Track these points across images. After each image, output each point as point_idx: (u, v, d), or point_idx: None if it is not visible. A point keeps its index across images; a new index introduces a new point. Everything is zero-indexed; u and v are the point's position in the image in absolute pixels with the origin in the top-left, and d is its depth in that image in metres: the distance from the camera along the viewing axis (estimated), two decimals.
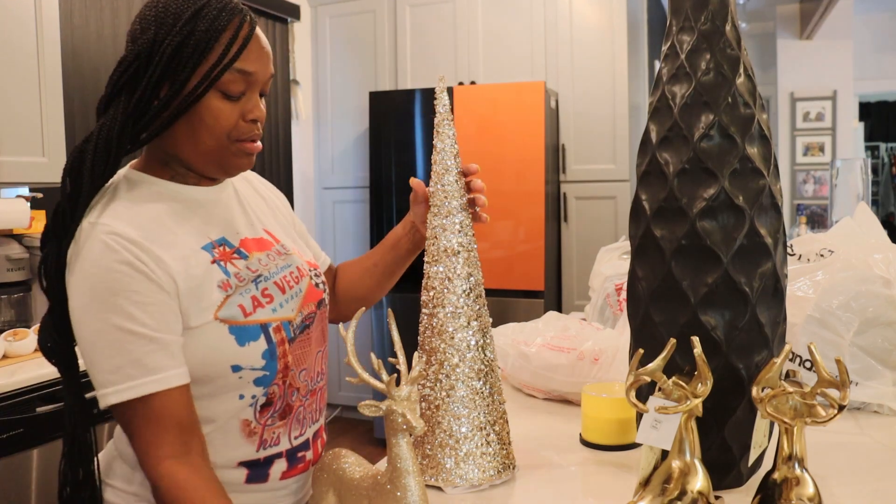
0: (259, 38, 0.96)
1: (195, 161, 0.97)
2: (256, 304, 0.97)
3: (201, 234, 0.97)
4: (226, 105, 0.93)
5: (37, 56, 2.22)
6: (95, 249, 0.88)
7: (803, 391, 0.87)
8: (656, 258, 1.02)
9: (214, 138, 0.94)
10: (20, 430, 1.87)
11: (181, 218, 0.97)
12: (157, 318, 0.89)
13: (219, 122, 0.93)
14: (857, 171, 3.70)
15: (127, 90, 0.92)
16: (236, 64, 0.92)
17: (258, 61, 0.95)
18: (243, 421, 0.98)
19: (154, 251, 0.90)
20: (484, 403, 1.08)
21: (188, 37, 0.90)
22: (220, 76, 0.91)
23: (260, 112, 0.97)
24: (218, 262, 0.96)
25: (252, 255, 1.01)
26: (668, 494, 0.88)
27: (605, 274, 1.76)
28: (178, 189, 0.99)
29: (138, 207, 0.94)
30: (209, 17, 0.91)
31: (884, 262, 1.37)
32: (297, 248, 1.11)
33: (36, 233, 2.36)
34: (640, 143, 1.07)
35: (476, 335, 1.08)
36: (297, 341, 1.01)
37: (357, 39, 4.20)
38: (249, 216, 1.06)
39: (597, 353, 1.41)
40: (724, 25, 1.00)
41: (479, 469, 1.06)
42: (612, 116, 3.67)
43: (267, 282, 1.00)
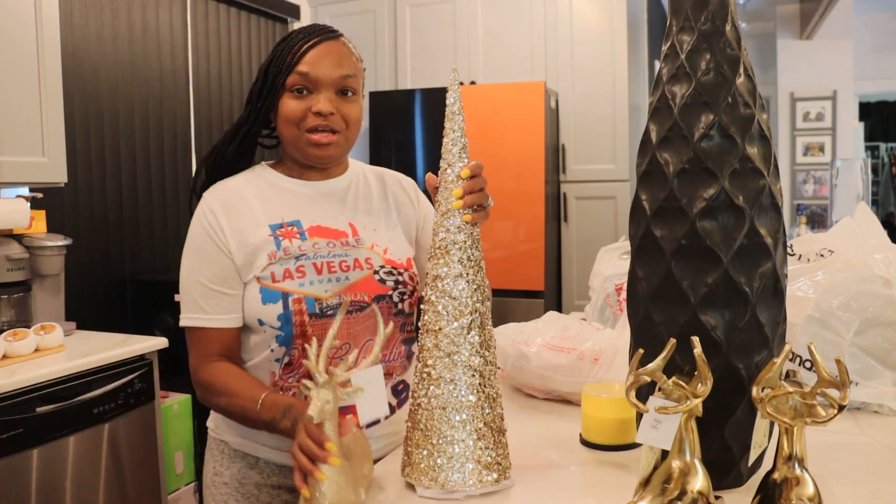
0: (324, 46, 1.20)
1: (289, 152, 1.25)
2: (286, 276, 1.17)
3: (275, 215, 1.21)
4: (294, 102, 1.19)
5: (37, 56, 2.22)
6: (196, 212, 1.22)
7: (803, 391, 0.87)
8: (656, 258, 1.02)
9: (289, 129, 1.20)
10: (20, 430, 1.87)
11: (265, 200, 1.22)
12: (216, 272, 1.18)
13: (290, 115, 1.19)
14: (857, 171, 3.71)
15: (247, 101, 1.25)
16: (297, 67, 1.18)
17: (315, 64, 1.18)
18: (271, 373, 1.20)
19: (224, 225, 1.18)
20: (481, 407, 1.05)
21: (274, 56, 1.21)
22: (284, 78, 1.18)
23: (323, 106, 1.17)
24: (276, 237, 1.19)
25: (310, 239, 1.21)
26: (668, 494, 0.88)
27: (605, 274, 1.76)
28: (279, 179, 1.26)
29: (237, 188, 1.23)
30: (288, 39, 1.21)
31: (884, 262, 1.37)
32: (385, 246, 1.26)
33: (36, 233, 2.36)
34: (640, 143, 1.07)
35: (472, 338, 1.05)
36: (326, 318, 1.17)
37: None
38: (341, 209, 1.26)
39: (597, 353, 1.41)
40: (724, 25, 1.00)
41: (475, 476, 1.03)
42: (612, 116, 3.67)
43: (307, 261, 1.18)
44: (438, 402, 1.04)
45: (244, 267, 1.18)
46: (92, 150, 2.90)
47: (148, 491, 2.28)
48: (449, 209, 1.08)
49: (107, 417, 2.12)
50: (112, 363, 2.15)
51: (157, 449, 2.32)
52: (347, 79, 1.20)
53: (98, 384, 2.10)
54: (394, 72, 4.12)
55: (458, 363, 1.04)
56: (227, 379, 1.15)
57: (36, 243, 2.30)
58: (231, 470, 1.24)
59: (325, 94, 1.19)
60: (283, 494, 1.22)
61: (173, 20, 3.31)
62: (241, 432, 1.23)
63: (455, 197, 1.07)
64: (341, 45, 1.22)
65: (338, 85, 1.19)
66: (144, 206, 3.14)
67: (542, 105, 3.50)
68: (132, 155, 3.09)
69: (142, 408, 2.24)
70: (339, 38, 1.23)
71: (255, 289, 1.17)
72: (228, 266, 1.18)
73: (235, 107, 3.69)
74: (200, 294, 1.18)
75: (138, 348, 2.24)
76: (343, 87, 1.20)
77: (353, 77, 1.21)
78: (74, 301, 2.71)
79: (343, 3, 4.23)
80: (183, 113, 3.37)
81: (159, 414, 2.32)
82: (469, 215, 1.07)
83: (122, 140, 3.05)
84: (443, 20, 3.98)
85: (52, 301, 2.39)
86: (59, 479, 1.99)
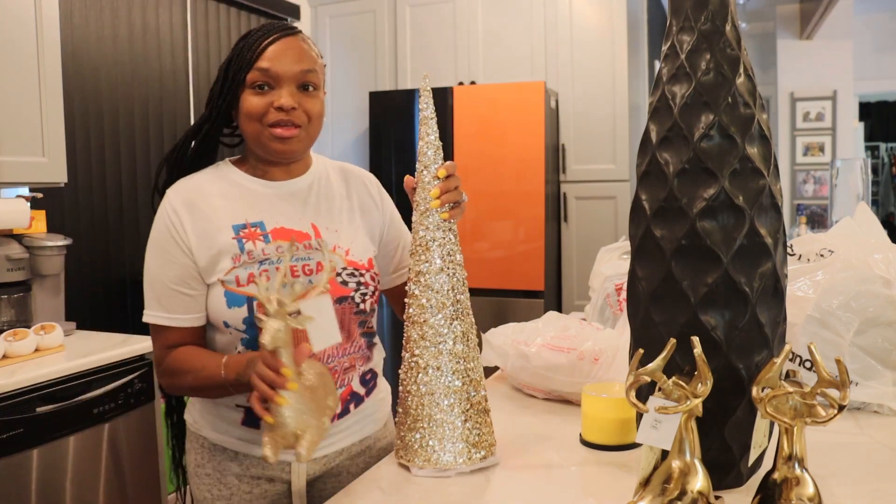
0: (283, 42, 1.19)
1: (252, 149, 1.24)
2: (251, 280, 1.16)
3: (238, 215, 1.21)
4: (256, 98, 1.18)
5: (37, 56, 2.22)
6: (159, 210, 1.22)
7: (803, 391, 0.87)
8: (656, 258, 1.02)
9: (251, 125, 1.19)
10: (20, 430, 1.87)
11: (228, 199, 1.22)
12: (177, 273, 1.18)
13: (251, 111, 1.18)
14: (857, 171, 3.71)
15: (208, 100, 1.25)
16: (257, 63, 1.17)
17: (275, 60, 1.18)
18: None
19: (187, 225, 1.18)
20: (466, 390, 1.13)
21: (234, 54, 1.20)
22: (243, 75, 1.18)
23: (285, 100, 1.17)
24: (239, 239, 1.19)
25: (273, 242, 1.20)
26: (668, 494, 0.88)
27: (605, 274, 1.76)
28: (244, 179, 1.25)
29: (200, 186, 1.22)
30: (247, 37, 1.21)
31: (884, 262, 1.37)
32: (347, 248, 1.26)
33: (36, 233, 2.36)
34: (640, 143, 1.07)
35: (454, 327, 1.13)
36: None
37: (357, 39, 4.20)
38: (303, 210, 1.26)
39: (597, 353, 1.41)
40: (724, 25, 1.00)
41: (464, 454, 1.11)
42: (612, 116, 3.67)
43: (270, 265, 1.18)
44: (427, 388, 1.12)
45: (207, 269, 1.18)
46: (92, 150, 2.90)
47: (148, 491, 2.28)
48: (427, 208, 1.15)
49: (107, 417, 2.12)
50: (112, 363, 2.15)
51: (157, 449, 2.32)
52: (308, 73, 1.20)
53: (98, 384, 2.10)
54: (394, 72, 4.12)
55: (443, 351, 1.12)
56: (186, 357, 1.18)
57: (36, 243, 2.30)
58: (212, 462, 1.27)
59: (287, 88, 1.19)
60: (262, 484, 1.25)
61: (173, 20, 3.31)
62: (217, 428, 1.26)
63: (433, 197, 1.14)
64: (300, 41, 1.22)
65: (299, 80, 1.20)
66: (144, 206, 3.14)
67: (542, 105, 3.50)
68: (132, 155, 3.09)
69: (142, 408, 2.24)
70: (298, 34, 1.23)
71: (220, 292, 1.17)
72: (190, 267, 1.18)
73: None
74: (162, 293, 1.19)
75: (138, 348, 2.24)
76: (304, 82, 1.20)
77: (313, 72, 1.21)
78: (74, 301, 2.71)
79: (343, 3, 4.22)
80: (183, 113, 3.37)
81: (159, 414, 2.32)
82: (446, 213, 1.15)
83: (122, 140, 3.05)
84: (443, 20, 3.98)
85: (52, 301, 2.39)
86: (59, 479, 1.99)
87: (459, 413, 1.12)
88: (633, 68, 3.77)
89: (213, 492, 1.26)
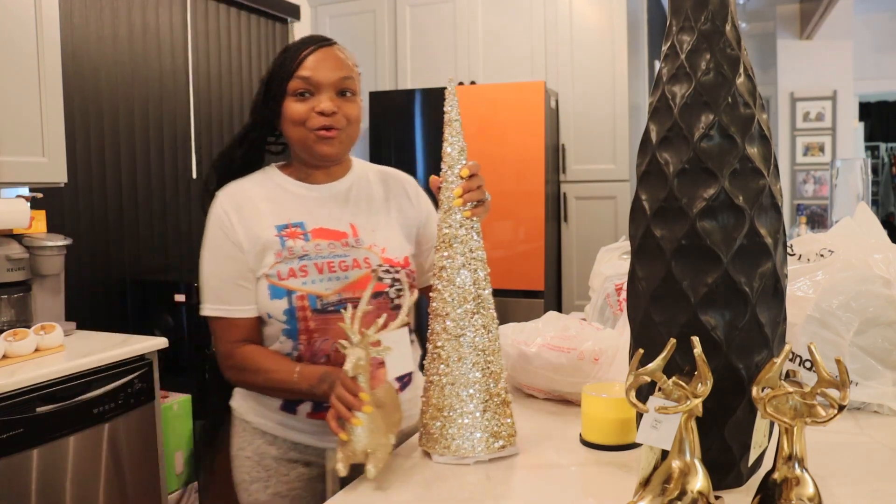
0: (321, 51, 1.29)
1: (296, 153, 1.35)
2: (291, 275, 1.27)
3: (282, 216, 1.31)
4: (298, 104, 1.28)
5: (37, 56, 2.22)
6: (211, 213, 1.32)
7: (803, 391, 0.87)
8: (656, 258, 1.02)
9: (296, 130, 1.29)
10: (20, 430, 1.87)
11: (273, 202, 1.32)
12: (233, 268, 1.29)
13: (295, 116, 1.28)
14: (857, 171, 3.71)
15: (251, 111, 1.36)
16: (298, 72, 1.27)
17: (315, 68, 1.28)
18: None
19: (237, 225, 1.28)
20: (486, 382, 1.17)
21: (275, 66, 1.31)
22: (286, 84, 1.28)
23: (326, 105, 1.27)
24: (281, 237, 1.29)
25: (313, 240, 1.30)
26: (668, 494, 0.88)
27: (605, 274, 1.76)
28: (286, 182, 1.35)
29: (247, 190, 1.33)
30: (287, 50, 1.31)
31: (884, 262, 1.37)
32: (383, 246, 1.34)
33: (36, 233, 2.36)
34: (640, 143, 1.07)
35: (475, 321, 1.17)
36: (327, 314, 1.27)
37: (357, 39, 4.20)
38: (343, 211, 1.35)
39: (597, 353, 1.41)
40: (724, 25, 1.00)
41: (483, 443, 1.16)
42: (612, 116, 3.67)
43: (309, 261, 1.28)
44: (448, 378, 1.17)
45: (255, 263, 1.29)
46: (92, 150, 2.90)
47: (148, 491, 2.28)
48: (450, 206, 1.20)
49: (107, 417, 2.12)
50: (112, 363, 2.15)
51: (157, 449, 2.32)
52: (346, 80, 1.30)
53: (98, 384, 2.10)
54: (394, 72, 4.12)
55: (464, 344, 1.17)
56: (258, 358, 1.28)
57: (36, 243, 2.30)
58: (252, 445, 1.37)
59: (327, 94, 1.28)
60: (298, 467, 1.36)
61: (173, 20, 3.31)
62: (257, 412, 1.37)
63: (455, 195, 1.19)
64: (337, 51, 1.32)
65: (338, 86, 1.29)
66: (144, 206, 3.14)
67: (542, 105, 3.50)
68: (132, 155, 3.09)
69: (142, 408, 2.24)
70: (335, 44, 1.33)
71: (265, 285, 1.28)
72: (242, 262, 1.29)
73: (235, 107, 3.69)
74: (221, 287, 1.29)
75: (138, 348, 2.24)
76: (342, 88, 1.30)
77: (350, 79, 1.31)
78: (74, 301, 2.71)
79: (343, 3, 4.23)
80: (183, 113, 3.37)
81: (159, 414, 2.33)
82: (468, 211, 1.19)
83: (122, 140, 3.05)
84: (443, 20, 3.98)
85: (52, 301, 2.39)
86: (59, 479, 1.99)
87: (479, 403, 1.16)
88: (633, 68, 3.77)
89: (251, 474, 1.36)
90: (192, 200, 3.41)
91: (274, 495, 1.35)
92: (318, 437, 1.34)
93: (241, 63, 3.74)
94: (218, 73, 3.58)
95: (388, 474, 1.14)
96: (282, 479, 1.35)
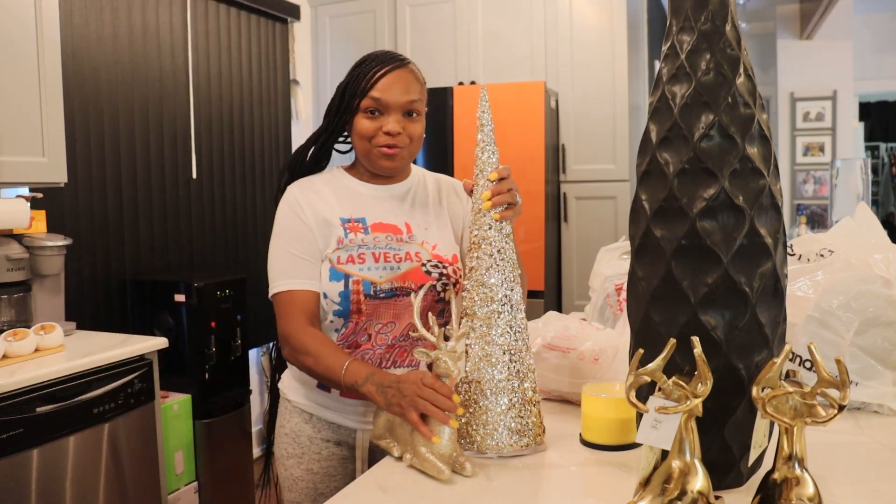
0: (394, 74, 1.38)
1: (361, 161, 1.46)
2: (349, 260, 1.37)
3: (346, 210, 1.42)
4: (367, 121, 1.38)
5: (37, 56, 2.22)
6: (282, 201, 1.44)
7: (803, 391, 0.87)
8: (656, 258, 1.02)
9: (362, 143, 1.40)
10: (20, 430, 1.87)
11: (338, 198, 1.44)
12: (303, 245, 1.39)
13: (363, 132, 1.39)
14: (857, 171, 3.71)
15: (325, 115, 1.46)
16: (370, 93, 1.37)
17: (386, 91, 1.37)
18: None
19: (306, 208, 1.40)
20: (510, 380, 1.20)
21: (350, 79, 1.41)
22: (359, 100, 1.38)
23: (392, 127, 1.37)
24: (345, 228, 1.40)
25: (372, 233, 1.41)
26: (668, 494, 0.88)
27: (605, 274, 1.76)
28: (351, 182, 1.47)
29: (316, 184, 1.45)
30: (363, 65, 1.41)
31: (884, 262, 1.37)
32: (434, 243, 1.44)
33: (36, 233, 2.36)
34: (640, 143, 1.07)
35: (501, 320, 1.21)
36: (378, 300, 1.36)
37: (357, 39, 4.20)
38: (400, 209, 1.46)
39: (597, 353, 1.41)
40: (724, 25, 1.00)
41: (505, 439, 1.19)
42: (612, 116, 3.67)
43: (367, 250, 1.38)
44: (474, 376, 1.21)
45: (322, 244, 1.39)
46: (92, 150, 2.90)
47: (148, 491, 2.28)
48: (481, 209, 1.24)
49: (107, 417, 2.12)
50: (112, 363, 2.15)
51: (157, 449, 2.32)
52: (414, 103, 1.39)
53: (98, 384, 2.10)
54: None
55: (490, 342, 1.20)
56: (315, 343, 1.34)
57: (36, 243, 2.30)
58: (291, 423, 1.47)
59: (394, 116, 1.38)
60: (330, 447, 1.45)
61: (173, 20, 3.31)
62: (297, 390, 1.48)
63: (484, 199, 1.24)
64: (409, 73, 1.40)
65: (405, 108, 1.38)
66: (144, 207, 3.14)
67: (542, 105, 3.50)
68: (132, 155, 3.09)
69: (142, 408, 2.24)
70: (408, 65, 1.41)
71: (326, 266, 1.38)
72: (312, 240, 1.39)
73: (235, 106, 3.69)
74: (291, 263, 1.38)
75: (138, 348, 2.24)
76: (409, 110, 1.39)
77: (419, 101, 1.40)
78: (74, 301, 2.72)
79: (343, 3, 4.22)
80: (183, 113, 3.37)
81: (159, 414, 2.33)
82: (498, 214, 1.24)
83: (122, 140, 3.05)
84: (443, 20, 3.98)
85: (52, 301, 2.39)
86: (59, 479, 1.99)
87: (504, 402, 1.19)
88: (633, 68, 3.77)
89: (288, 450, 1.47)
90: (192, 200, 3.41)
91: (307, 471, 1.44)
92: (350, 417, 1.43)
93: (241, 63, 3.74)
94: (218, 73, 3.58)
95: (388, 474, 1.14)
96: (314, 457, 1.44)
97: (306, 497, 1.45)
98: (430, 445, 1.12)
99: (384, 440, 1.25)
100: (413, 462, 1.15)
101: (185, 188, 3.37)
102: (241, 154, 3.73)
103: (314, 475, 1.44)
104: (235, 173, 3.69)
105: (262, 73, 3.89)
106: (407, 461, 1.16)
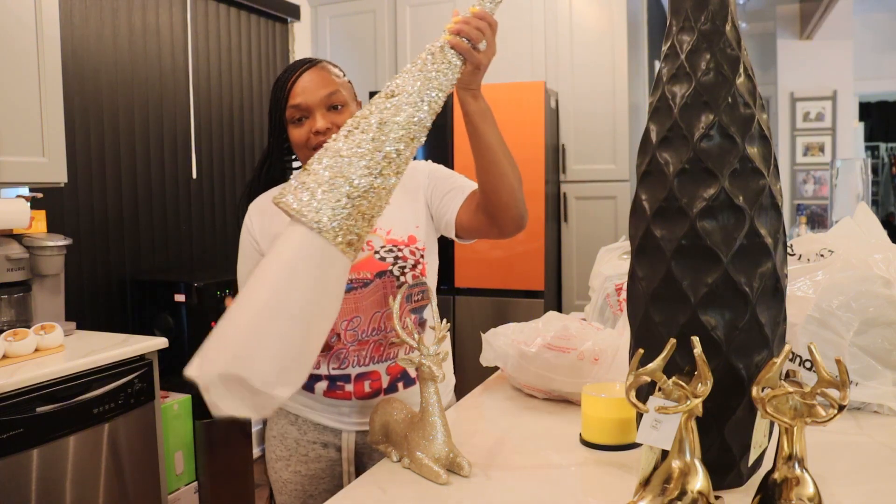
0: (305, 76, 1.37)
1: None
2: None
3: None
4: (297, 130, 1.38)
5: (37, 56, 2.22)
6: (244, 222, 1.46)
7: (803, 391, 0.87)
8: (656, 258, 1.02)
9: (301, 152, 1.39)
10: (20, 430, 1.87)
11: None
12: (253, 262, 1.40)
13: (297, 142, 1.38)
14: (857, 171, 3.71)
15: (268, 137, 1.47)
16: (289, 102, 1.37)
17: (301, 93, 1.36)
18: None
19: (256, 225, 1.43)
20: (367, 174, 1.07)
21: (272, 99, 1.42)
22: (283, 114, 1.38)
23: (319, 124, 1.34)
24: None
25: None
26: (668, 494, 0.88)
27: (605, 274, 1.76)
28: None
29: (269, 195, 1.43)
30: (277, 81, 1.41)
31: (884, 262, 1.37)
32: (388, 228, 1.40)
33: (36, 233, 2.36)
34: (640, 143, 1.07)
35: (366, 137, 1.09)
36: None
37: (357, 39, 4.20)
38: None
39: (597, 353, 1.41)
40: (724, 25, 1.00)
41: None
42: (611, 116, 3.67)
43: None
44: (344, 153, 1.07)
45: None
46: (92, 150, 2.90)
47: (148, 491, 2.28)
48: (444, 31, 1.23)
49: (107, 417, 2.12)
50: (112, 363, 2.15)
51: (157, 449, 2.32)
52: (333, 95, 1.36)
53: (98, 384, 2.10)
54: (394, 72, 4.11)
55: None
56: None
57: (36, 243, 2.30)
58: (278, 425, 1.47)
59: (318, 113, 1.36)
60: (317, 449, 1.44)
61: (173, 20, 3.31)
62: None
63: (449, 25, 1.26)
64: (320, 69, 1.39)
65: (326, 103, 1.36)
66: (144, 206, 3.14)
67: (542, 105, 3.50)
68: (132, 155, 3.09)
69: (142, 408, 2.24)
70: (318, 63, 1.40)
71: None
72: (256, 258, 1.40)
73: (235, 106, 3.69)
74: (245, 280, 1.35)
75: (138, 348, 2.24)
76: (331, 104, 1.37)
77: (337, 93, 1.37)
78: (74, 301, 2.72)
79: (343, 3, 4.23)
80: (183, 113, 3.37)
81: (159, 414, 2.33)
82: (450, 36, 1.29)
83: (122, 140, 3.05)
84: (443, 20, 3.97)
85: (52, 301, 2.39)
86: (59, 479, 1.99)
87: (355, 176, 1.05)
88: (633, 68, 3.77)
89: (276, 452, 1.47)
90: (192, 200, 3.41)
91: (294, 473, 1.44)
92: (333, 418, 1.42)
93: (241, 63, 3.74)
94: (218, 73, 3.58)
95: (387, 474, 1.14)
96: (301, 459, 1.44)
97: (296, 499, 1.45)
98: (425, 449, 1.11)
99: (381, 444, 1.24)
100: (410, 466, 1.14)
101: (185, 188, 3.37)
102: (241, 154, 3.73)
103: (302, 477, 1.44)
104: (235, 173, 3.69)
105: (262, 73, 3.89)
106: (404, 465, 1.16)
